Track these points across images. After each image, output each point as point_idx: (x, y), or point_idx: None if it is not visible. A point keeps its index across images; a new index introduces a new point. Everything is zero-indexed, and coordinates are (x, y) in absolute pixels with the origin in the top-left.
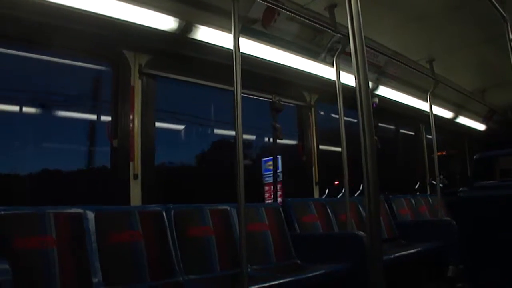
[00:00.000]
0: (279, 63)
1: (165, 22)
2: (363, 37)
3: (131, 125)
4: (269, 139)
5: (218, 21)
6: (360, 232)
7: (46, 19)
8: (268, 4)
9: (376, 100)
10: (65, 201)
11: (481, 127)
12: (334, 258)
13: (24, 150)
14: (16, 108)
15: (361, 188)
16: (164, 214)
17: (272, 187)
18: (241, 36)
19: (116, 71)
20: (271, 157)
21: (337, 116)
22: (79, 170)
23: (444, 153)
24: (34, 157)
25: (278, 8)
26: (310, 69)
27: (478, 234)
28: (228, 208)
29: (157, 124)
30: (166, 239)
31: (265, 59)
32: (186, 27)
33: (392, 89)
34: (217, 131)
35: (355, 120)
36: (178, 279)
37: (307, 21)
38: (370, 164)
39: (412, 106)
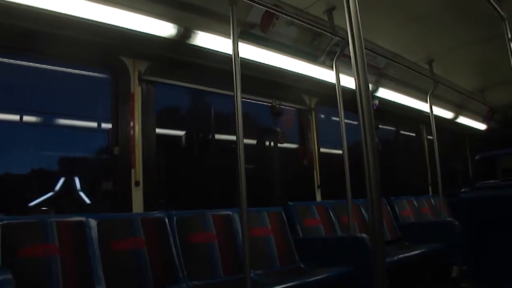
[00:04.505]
0: (279, 67)
1: (164, 29)
2: (362, 40)
3: (131, 132)
4: (270, 143)
5: (217, 26)
6: (363, 234)
7: (44, 27)
8: (267, 9)
9: (377, 102)
10: None
11: (481, 126)
12: (337, 261)
13: (25, 156)
14: (16, 117)
15: None
16: (167, 220)
17: None
18: (240, 41)
19: (116, 78)
20: None
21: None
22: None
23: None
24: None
25: (276, 13)
26: (310, 72)
27: (481, 234)
28: (230, 213)
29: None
30: (169, 246)
31: (264, 64)
32: (184, 33)
33: (392, 90)
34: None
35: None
36: (182, 285)
37: (305, 24)
38: (371, 166)
39: (412, 107)
